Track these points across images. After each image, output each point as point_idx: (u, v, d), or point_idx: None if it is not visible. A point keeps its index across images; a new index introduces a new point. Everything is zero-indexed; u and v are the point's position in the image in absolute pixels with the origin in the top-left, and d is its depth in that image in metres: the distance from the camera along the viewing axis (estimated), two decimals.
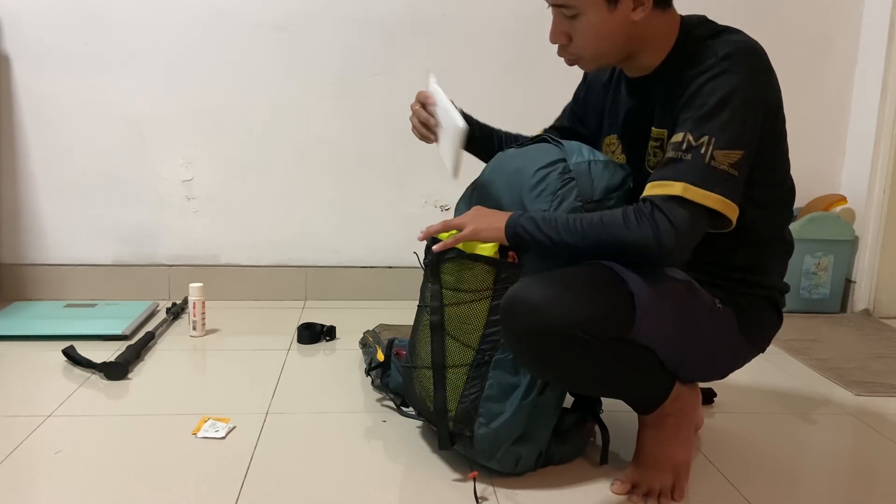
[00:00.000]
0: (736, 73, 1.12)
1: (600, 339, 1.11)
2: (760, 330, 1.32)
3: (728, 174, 1.10)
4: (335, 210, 2.44)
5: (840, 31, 2.52)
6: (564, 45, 1.22)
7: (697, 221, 1.11)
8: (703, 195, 1.10)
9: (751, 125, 1.13)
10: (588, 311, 1.10)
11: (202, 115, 2.34)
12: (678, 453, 1.30)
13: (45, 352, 1.88)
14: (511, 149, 1.38)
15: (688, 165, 1.11)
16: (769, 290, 1.31)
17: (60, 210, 2.34)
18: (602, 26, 1.17)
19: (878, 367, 1.99)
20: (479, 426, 1.27)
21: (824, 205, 2.52)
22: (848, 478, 1.41)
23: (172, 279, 2.40)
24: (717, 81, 1.12)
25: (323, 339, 2.07)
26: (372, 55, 2.36)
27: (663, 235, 1.09)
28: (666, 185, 1.11)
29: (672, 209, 1.10)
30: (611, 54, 1.23)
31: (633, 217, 1.12)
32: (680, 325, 1.20)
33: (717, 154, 1.10)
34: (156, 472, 1.31)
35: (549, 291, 1.11)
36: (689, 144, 1.11)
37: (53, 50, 2.25)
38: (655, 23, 1.19)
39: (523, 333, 1.13)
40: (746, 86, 1.12)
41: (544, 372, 1.20)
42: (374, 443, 1.45)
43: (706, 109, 1.11)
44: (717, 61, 1.13)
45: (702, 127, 1.11)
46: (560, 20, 1.20)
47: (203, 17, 2.29)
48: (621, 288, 1.14)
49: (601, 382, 1.22)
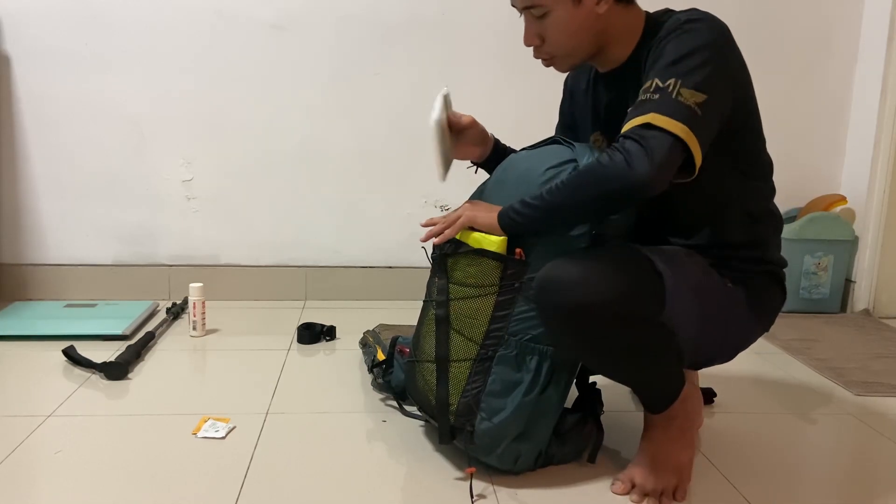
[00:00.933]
0: (700, 32, 1.16)
1: (635, 315, 1.14)
2: (768, 307, 1.35)
3: (693, 110, 1.12)
4: (335, 210, 2.45)
5: (840, 31, 2.52)
6: (538, 46, 1.28)
7: (667, 147, 1.11)
8: (669, 122, 1.11)
9: (716, 76, 1.15)
10: (623, 288, 1.13)
11: (202, 115, 2.34)
12: (682, 455, 1.30)
13: (45, 352, 1.88)
14: (522, 150, 1.39)
15: (656, 101, 1.13)
16: (772, 266, 1.34)
17: (60, 210, 2.34)
18: (570, 22, 1.23)
19: (878, 367, 1.99)
20: (480, 421, 1.28)
21: (824, 205, 2.52)
22: (848, 478, 1.41)
23: (172, 279, 2.40)
24: (682, 38, 1.16)
25: (323, 339, 2.07)
26: (372, 55, 2.36)
27: (634, 159, 1.10)
28: (635, 119, 1.14)
29: (641, 134, 1.12)
30: (582, 49, 1.27)
31: (605, 155, 1.14)
32: (701, 306, 1.23)
33: (683, 91, 1.12)
34: (156, 472, 1.31)
35: (584, 269, 1.13)
36: (657, 86, 1.14)
37: (53, 50, 2.25)
38: (620, 17, 1.24)
39: (560, 309, 1.14)
40: (712, 41, 1.16)
41: (576, 348, 1.22)
42: (375, 443, 1.45)
43: (672, 58, 1.15)
44: (681, 24, 1.18)
45: (668, 71, 1.14)
46: (531, 22, 1.26)
47: (203, 17, 2.29)
48: (650, 267, 1.18)
49: (626, 365, 1.23)
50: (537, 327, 1.26)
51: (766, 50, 2.50)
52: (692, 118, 1.12)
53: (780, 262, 1.36)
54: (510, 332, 1.27)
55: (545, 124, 1.56)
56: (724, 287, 1.28)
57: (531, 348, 1.26)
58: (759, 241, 1.32)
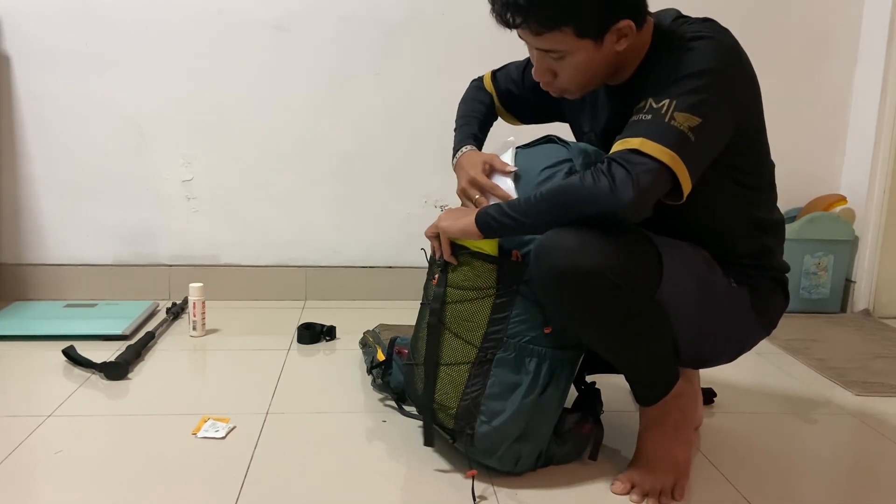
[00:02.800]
0: (703, 52, 1.13)
1: (630, 286, 1.14)
2: (771, 310, 1.35)
3: (685, 135, 1.10)
4: (335, 210, 2.44)
5: (840, 31, 2.52)
6: (550, 81, 1.24)
7: (653, 175, 1.10)
8: (657, 149, 1.09)
9: (715, 99, 1.13)
10: (620, 257, 1.14)
11: (202, 115, 2.34)
12: (679, 453, 1.30)
13: (45, 352, 1.88)
14: (517, 149, 1.38)
15: (647, 123, 1.12)
16: (776, 272, 1.34)
17: (60, 210, 2.34)
18: (590, 63, 1.18)
19: (878, 367, 1.99)
20: (480, 424, 1.28)
21: (824, 205, 2.52)
22: (848, 478, 1.41)
23: (172, 279, 2.40)
24: (684, 57, 1.14)
25: (323, 339, 2.07)
26: (372, 55, 2.36)
27: (619, 186, 1.09)
28: (625, 142, 1.13)
29: (628, 159, 1.10)
30: (597, 83, 1.25)
31: (589, 175, 1.13)
32: (700, 295, 1.23)
33: (677, 115, 1.10)
34: (156, 472, 1.31)
35: (582, 237, 1.13)
36: (651, 107, 1.12)
37: (53, 50, 2.25)
38: (635, 41, 1.19)
39: (556, 273, 1.14)
40: (715, 62, 1.13)
41: (570, 316, 1.21)
42: (375, 443, 1.45)
43: (671, 77, 1.13)
44: (686, 41, 1.15)
45: (664, 91, 1.12)
46: (544, 60, 1.21)
47: (203, 17, 2.28)
48: (651, 245, 1.18)
49: (618, 339, 1.22)
50: (536, 329, 1.26)
51: (766, 50, 2.49)
52: (683, 144, 1.10)
53: (784, 268, 1.36)
54: (509, 334, 1.27)
55: (543, 124, 1.56)
56: (726, 283, 1.28)
57: (530, 350, 1.26)
58: (763, 250, 1.32)
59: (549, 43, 1.16)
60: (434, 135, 2.39)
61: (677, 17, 1.23)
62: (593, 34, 1.14)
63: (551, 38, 1.15)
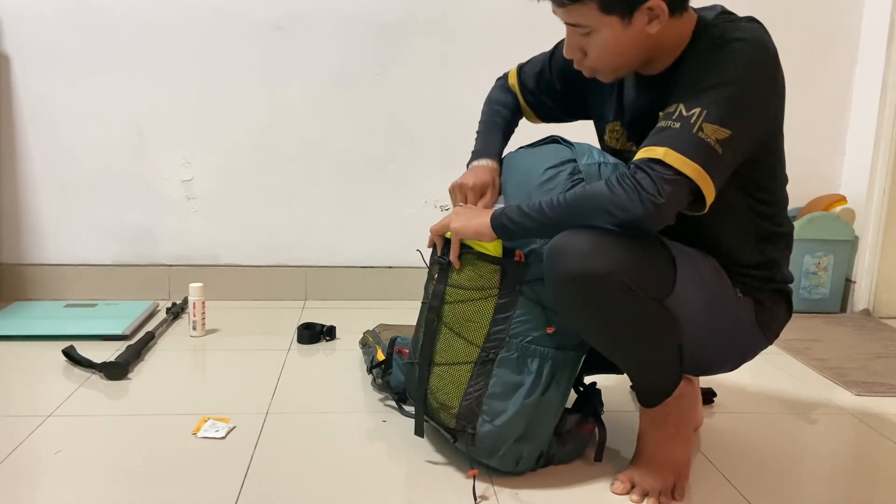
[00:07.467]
0: (740, 56, 1.12)
1: (643, 291, 1.14)
2: (774, 322, 1.35)
3: (712, 148, 1.10)
4: (335, 210, 2.44)
5: (840, 31, 2.52)
6: (580, 59, 1.23)
7: (677, 187, 1.10)
8: (683, 162, 1.09)
9: (746, 110, 1.12)
10: (634, 261, 1.13)
11: (202, 115, 2.34)
12: (678, 453, 1.30)
13: (45, 352, 1.88)
14: (521, 148, 1.38)
15: (675, 133, 1.11)
16: (781, 284, 1.34)
17: (60, 210, 2.34)
18: (617, 42, 1.16)
19: (878, 367, 1.99)
20: (482, 423, 1.28)
21: (824, 205, 2.52)
22: (848, 478, 1.41)
23: (172, 279, 2.40)
24: (720, 61, 1.12)
25: (323, 339, 2.07)
26: (372, 55, 2.36)
27: (642, 195, 1.09)
28: (650, 150, 1.12)
29: (654, 170, 1.10)
30: (628, 66, 1.22)
31: (615, 180, 1.12)
32: (708, 303, 1.23)
33: (706, 126, 1.10)
34: (156, 472, 1.31)
35: (596, 240, 1.13)
36: (680, 114, 1.11)
37: (53, 50, 2.25)
38: (673, 28, 1.17)
39: (570, 276, 1.13)
40: (752, 69, 1.12)
41: (579, 317, 1.20)
42: (375, 443, 1.45)
43: (703, 84, 1.12)
44: (726, 41, 1.13)
45: (695, 99, 1.11)
46: (574, 36, 1.20)
47: (203, 17, 2.28)
48: (665, 250, 1.18)
49: (626, 342, 1.22)
50: (538, 329, 1.26)
51: None
52: (709, 158, 1.10)
53: (789, 279, 1.36)
54: (511, 334, 1.27)
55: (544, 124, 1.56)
56: (733, 293, 1.28)
57: (532, 350, 1.26)
58: (770, 261, 1.31)
59: (574, 16, 1.15)
60: (434, 135, 2.39)
61: (722, 13, 1.21)
62: (619, 10, 1.12)
63: (575, 12, 1.14)
